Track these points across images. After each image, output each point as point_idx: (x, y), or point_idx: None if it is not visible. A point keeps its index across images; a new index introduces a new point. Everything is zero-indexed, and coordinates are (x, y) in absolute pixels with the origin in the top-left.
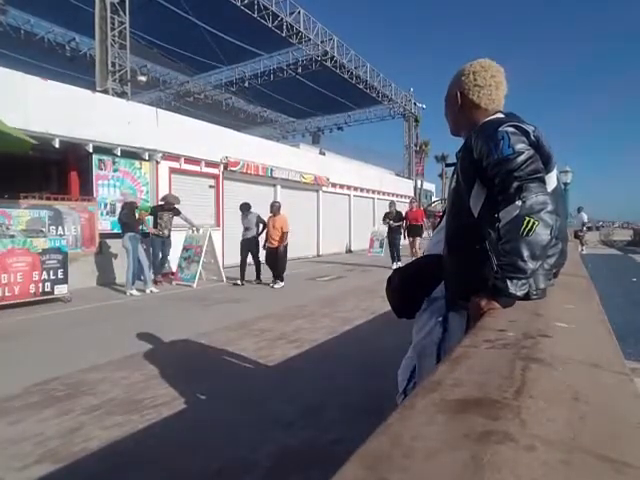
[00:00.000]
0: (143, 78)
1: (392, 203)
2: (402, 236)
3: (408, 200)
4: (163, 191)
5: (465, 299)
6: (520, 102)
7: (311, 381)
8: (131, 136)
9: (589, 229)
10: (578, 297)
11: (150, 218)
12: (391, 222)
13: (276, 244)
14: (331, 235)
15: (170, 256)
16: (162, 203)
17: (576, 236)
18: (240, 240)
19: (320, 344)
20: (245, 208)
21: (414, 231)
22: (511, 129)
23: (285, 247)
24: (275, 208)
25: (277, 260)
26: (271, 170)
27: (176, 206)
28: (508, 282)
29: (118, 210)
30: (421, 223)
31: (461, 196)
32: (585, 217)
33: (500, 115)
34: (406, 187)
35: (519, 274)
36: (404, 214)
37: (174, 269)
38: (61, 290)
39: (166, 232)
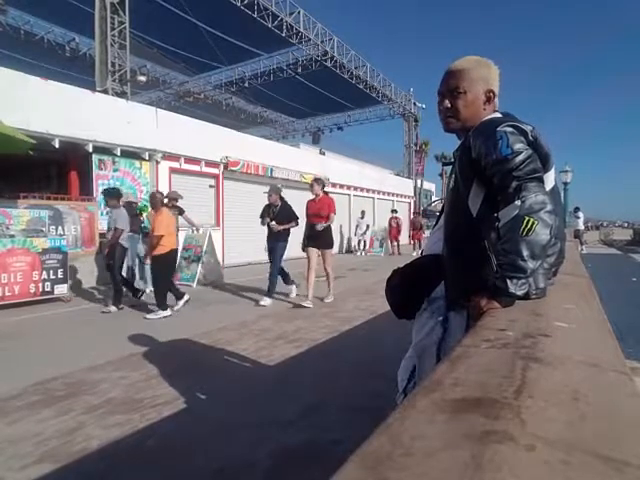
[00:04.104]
0: (143, 78)
1: (274, 189)
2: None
3: (407, 201)
4: (163, 191)
5: (465, 299)
6: (520, 102)
7: (311, 381)
8: (131, 136)
9: (587, 228)
10: (578, 297)
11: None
12: (272, 223)
13: (149, 254)
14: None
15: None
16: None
17: (575, 235)
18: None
19: (320, 344)
20: (112, 195)
21: (317, 237)
22: (509, 129)
23: (163, 258)
24: (154, 201)
25: (152, 274)
26: (271, 170)
27: (179, 205)
28: (508, 281)
29: None
30: (330, 222)
31: (459, 196)
32: (582, 216)
33: (498, 115)
34: (406, 187)
35: (519, 273)
36: (306, 206)
37: None
38: (61, 290)
39: None
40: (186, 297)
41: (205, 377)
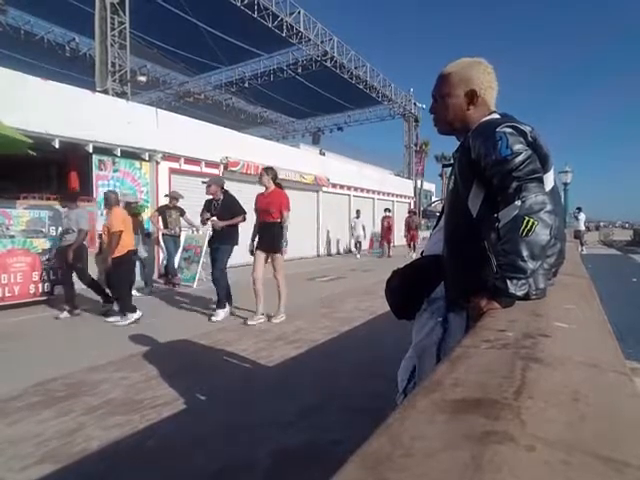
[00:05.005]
0: (143, 78)
1: (214, 180)
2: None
3: (407, 201)
4: (163, 191)
5: (465, 299)
6: (520, 102)
7: (311, 381)
8: (131, 136)
9: (588, 229)
10: (578, 297)
11: (147, 218)
12: (212, 219)
13: (110, 254)
14: (331, 235)
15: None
16: (167, 201)
17: (576, 236)
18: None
19: (320, 344)
20: (69, 198)
21: (265, 238)
22: (509, 130)
23: (120, 260)
24: (108, 200)
25: (111, 278)
26: None
27: (180, 206)
28: (508, 282)
29: None
30: (283, 220)
31: (459, 197)
32: (583, 217)
33: (496, 115)
34: (406, 187)
35: (519, 274)
36: (255, 201)
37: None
38: (61, 290)
39: (177, 230)
40: (138, 315)
41: (205, 377)
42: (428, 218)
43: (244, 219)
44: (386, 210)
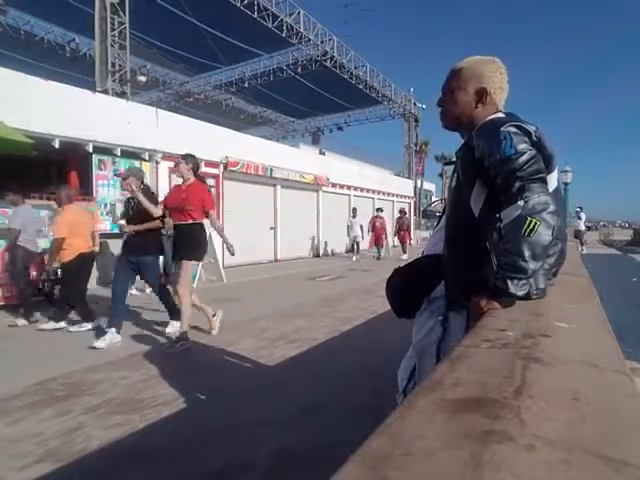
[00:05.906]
0: (143, 78)
1: (132, 172)
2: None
3: (408, 201)
4: (163, 191)
5: (465, 299)
6: (520, 102)
7: (311, 381)
8: (131, 136)
9: (588, 229)
10: (578, 297)
11: None
12: (121, 222)
13: (51, 261)
14: (331, 235)
15: None
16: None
17: (576, 236)
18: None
19: (320, 344)
20: (16, 195)
21: (182, 242)
22: (513, 129)
23: (69, 265)
24: (59, 198)
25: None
26: (271, 170)
27: None
28: (509, 282)
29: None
30: (213, 222)
31: (461, 196)
32: (583, 217)
33: (501, 115)
34: (406, 187)
35: (520, 274)
36: (166, 195)
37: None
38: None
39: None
40: (97, 324)
41: (205, 377)
42: (428, 218)
43: (161, 223)
44: (378, 210)
